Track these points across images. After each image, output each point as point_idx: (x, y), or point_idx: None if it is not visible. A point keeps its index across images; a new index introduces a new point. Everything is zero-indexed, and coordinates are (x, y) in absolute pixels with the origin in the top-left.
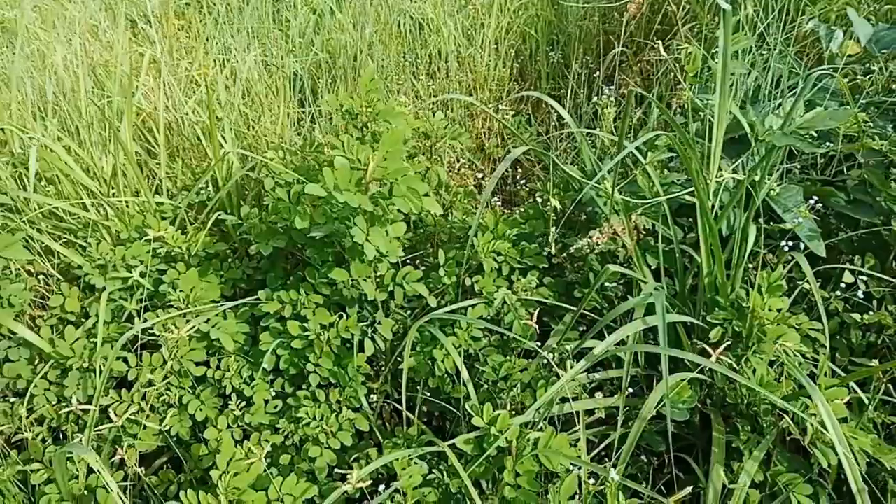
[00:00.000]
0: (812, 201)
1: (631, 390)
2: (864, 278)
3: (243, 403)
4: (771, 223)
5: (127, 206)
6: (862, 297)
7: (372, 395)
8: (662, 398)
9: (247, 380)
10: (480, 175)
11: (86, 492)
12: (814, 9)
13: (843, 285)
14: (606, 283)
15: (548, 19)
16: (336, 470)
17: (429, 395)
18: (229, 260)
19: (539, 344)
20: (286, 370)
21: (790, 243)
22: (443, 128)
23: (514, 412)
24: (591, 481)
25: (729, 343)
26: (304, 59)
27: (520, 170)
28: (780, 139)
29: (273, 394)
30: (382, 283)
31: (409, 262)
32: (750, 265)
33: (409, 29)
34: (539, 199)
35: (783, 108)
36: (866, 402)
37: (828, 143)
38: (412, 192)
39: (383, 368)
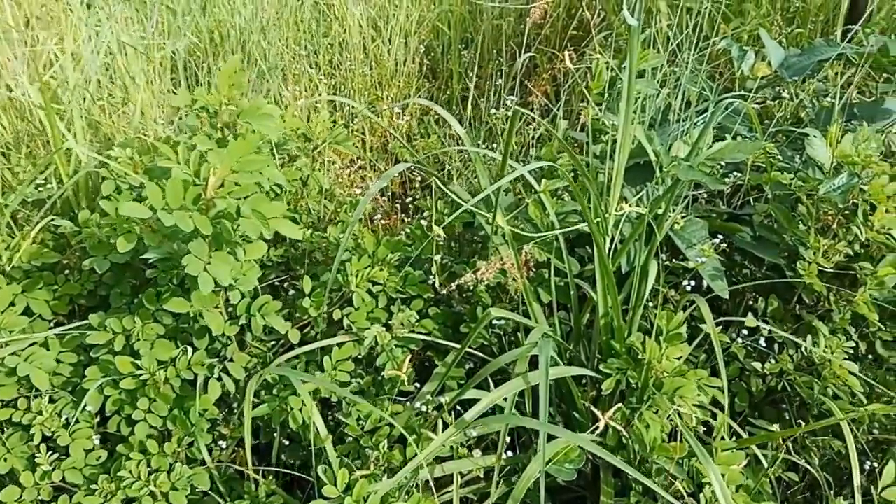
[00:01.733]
0: (717, 240)
1: (510, 454)
2: (767, 324)
3: (55, 456)
4: (673, 260)
5: None
6: (764, 344)
7: (221, 442)
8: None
9: (70, 420)
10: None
11: None
12: (728, 27)
13: (745, 332)
14: (495, 322)
15: (462, 16)
16: None
17: (288, 443)
18: (66, 272)
19: (418, 386)
20: (120, 408)
21: (692, 283)
22: (325, 130)
23: (381, 471)
24: None
25: (620, 403)
26: (185, 39)
27: (419, 177)
28: (686, 173)
29: (97, 441)
30: (235, 314)
31: (278, 284)
32: (650, 303)
33: (310, 14)
34: (424, 222)
35: (690, 136)
36: (765, 463)
37: (736, 173)
38: (258, 215)
39: (235, 410)
